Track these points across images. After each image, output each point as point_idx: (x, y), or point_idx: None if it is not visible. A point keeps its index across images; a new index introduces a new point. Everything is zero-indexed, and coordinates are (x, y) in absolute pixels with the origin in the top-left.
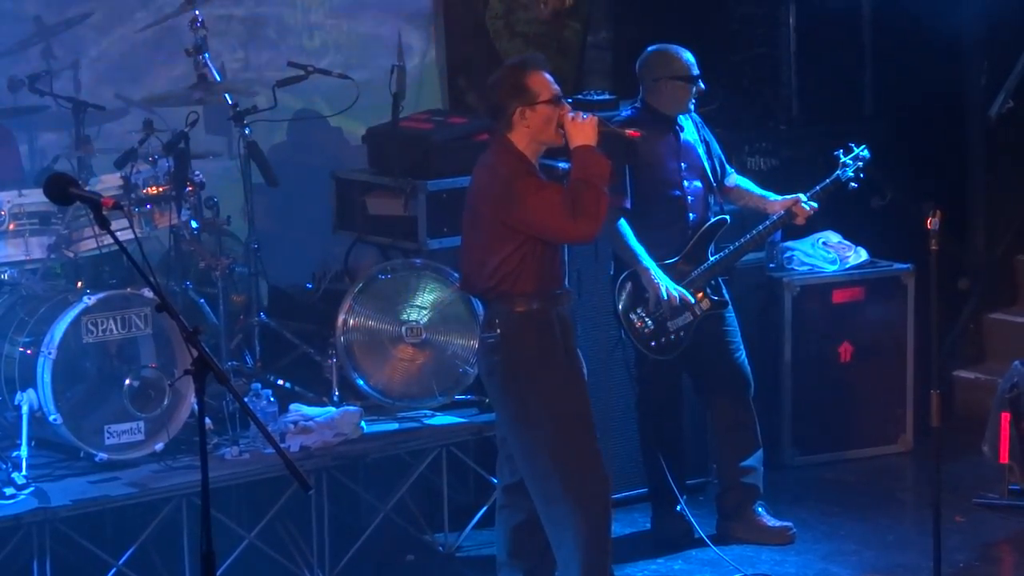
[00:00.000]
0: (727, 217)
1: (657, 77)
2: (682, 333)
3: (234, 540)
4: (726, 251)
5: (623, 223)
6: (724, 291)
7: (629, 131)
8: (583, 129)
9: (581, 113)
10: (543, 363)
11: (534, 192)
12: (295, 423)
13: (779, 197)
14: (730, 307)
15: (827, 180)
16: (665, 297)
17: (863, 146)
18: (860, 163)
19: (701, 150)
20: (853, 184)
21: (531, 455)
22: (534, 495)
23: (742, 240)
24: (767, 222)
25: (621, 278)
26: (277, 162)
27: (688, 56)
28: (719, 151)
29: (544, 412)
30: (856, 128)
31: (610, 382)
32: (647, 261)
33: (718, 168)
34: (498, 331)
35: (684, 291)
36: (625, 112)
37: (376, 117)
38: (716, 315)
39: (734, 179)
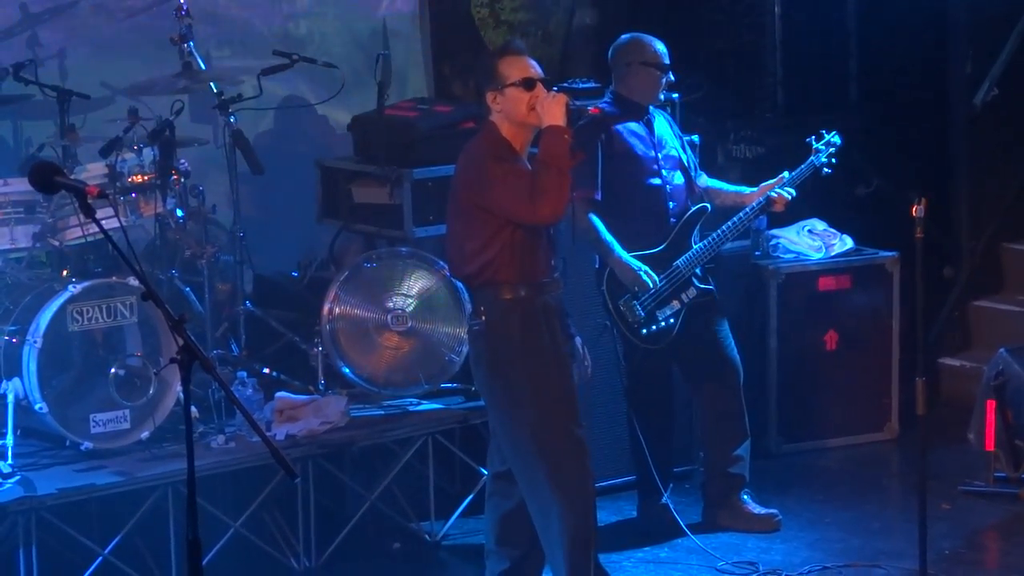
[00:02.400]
0: (708, 205)
1: (629, 62)
2: (671, 320)
3: (220, 528)
4: (710, 238)
5: (594, 216)
6: (710, 280)
7: (591, 108)
8: (551, 109)
9: (552, 93)
10: (527, 351)
11: (501, 175)
12: (281, 411)
13: (753, 188)
14: (716, 296)
15: (801, 167)
16: (646, 280)
17: (834, 132)
18: (832, 148)
19: (676, 143)
20: (827, 170)
21: (516, 443)
22: (520, 483)
23: (725, 227)
24: (748, 208)
25: (608, 269)
26: (262, 150)
27: (660, 45)
28: (692, 154)
29: (528, 400)
30: (841, 116)
31: (596, 369)
32: (620, 251)
33: (692, 169)
34: (483, 318)
35: (655, 275)
36: (599, 104)
37: (361, 105)
38: (705, 304)
39: (705, 180)
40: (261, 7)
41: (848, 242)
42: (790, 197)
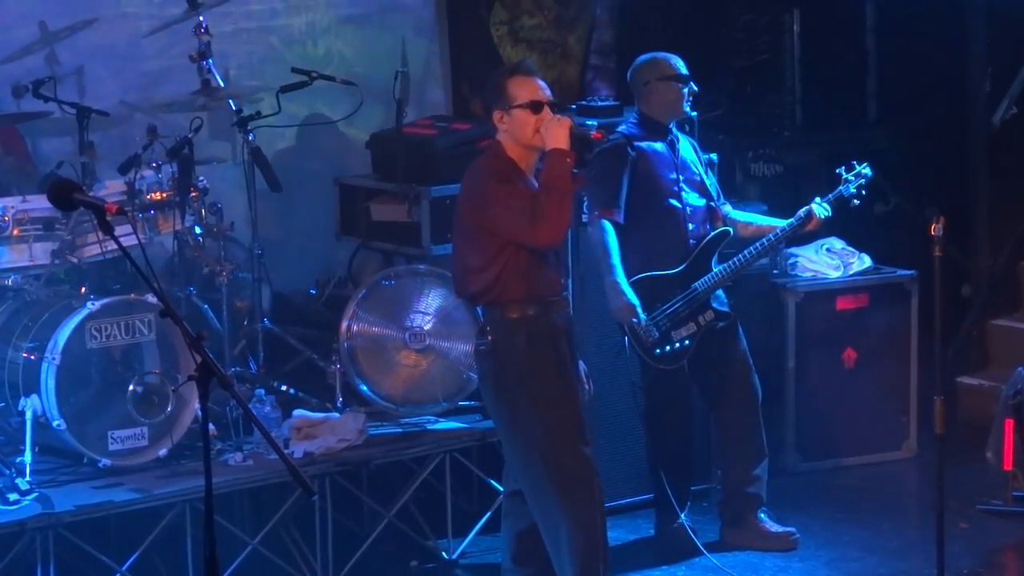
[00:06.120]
0: (730, 229)
1: (647, 80)
2: (687, 342)
3: (238, 546)
4: (733, 261)
5: (611, 236)
6: (728, 301)
7: (594, 132)
8: (554, 132)
9: (557, 116)
10: (533, 370)
11: (503, 197)
12: (298, 429)
13: (776, 220)
14: (735, 318)
15: (830, 195)
16: (635, 321)
17: (865, 163)
18: (862, 180)
19: (700, 168)
20: (855, 201)
21: (523, 462)
22: (529, 502)
23: (752, 248)
24: (772, 235)
25: None
26: (281, 168)
27: (676, 59)
28: (715, 180)
29: (534, 419)
30: (860, 135)
31: (615, 387)
32: (620, 278)
33: (714, 194)
34: (489, 338)
35: (636, 302)
36: (621, 127)
37: (380, 123)
38: (723, 326)
39: (728, 210)
40: (280, 25)
41: (866, 261)
42: (826, 215)
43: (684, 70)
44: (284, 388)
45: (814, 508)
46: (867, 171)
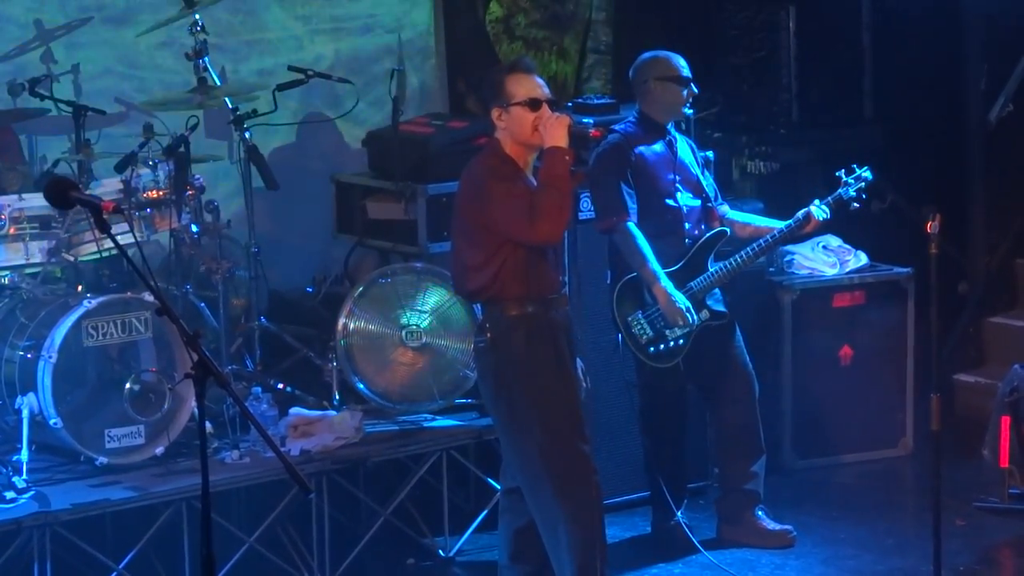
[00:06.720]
0: (727, 229)
1: (646, 79)
2: (681, 340)
3: (234, 544)
4: (729, 261)
5: (640, 238)
6: (724, 300)
7: (592, 130)
8: (553, 130)
9: (556, 114)
10: (532, 367)
11: (501, 194)
12: (295, 427)
13: (774, 221)
14: (731, 318)
15: (828, 198)
16: (688, 318)
17: (866, 167)
18: (862, 183)
19: (697, 168)
20: (855, 204)
21: (522, 459)
22: (527, 499)
23: (749, 248)
24: (769, 236)
25: (619, 285)
26: (277, 166)
27: (679, 59)
28: (713, 181)
29: (533, 416)
30: (856, 132)
31: (612, 385)
32: (666, 282)
33: (711, 195)
34: (488, 335)
35: (688, 304)
36: (619, 126)
37: (376, 121)
38: (719, 325)
39: (726, 210)
40: (276, 23)
41: (863, 258)
42: (825, 218)
43: (686, 72)
44: (281, 386)
45: (811, 505)
46: (867, 174)
